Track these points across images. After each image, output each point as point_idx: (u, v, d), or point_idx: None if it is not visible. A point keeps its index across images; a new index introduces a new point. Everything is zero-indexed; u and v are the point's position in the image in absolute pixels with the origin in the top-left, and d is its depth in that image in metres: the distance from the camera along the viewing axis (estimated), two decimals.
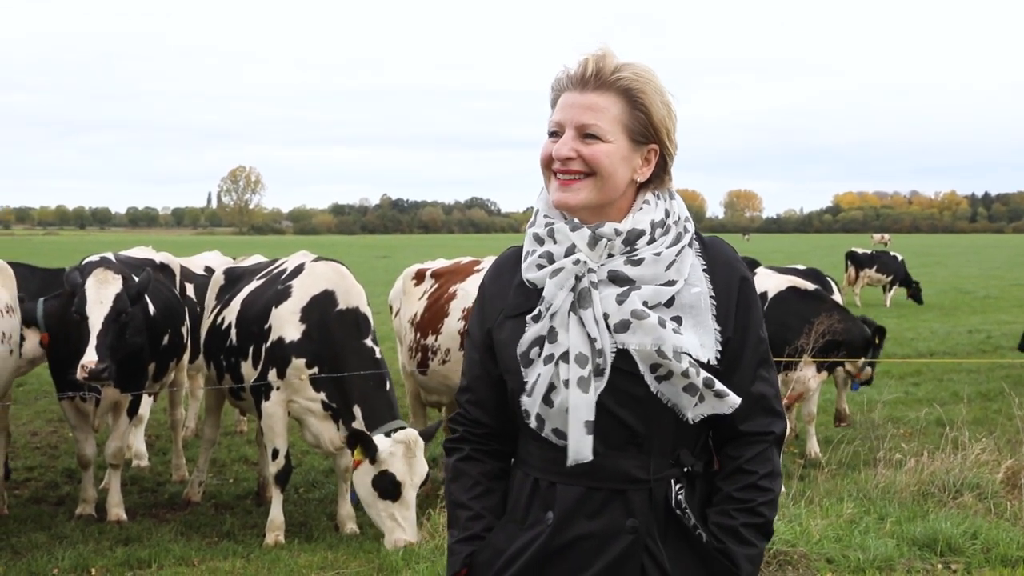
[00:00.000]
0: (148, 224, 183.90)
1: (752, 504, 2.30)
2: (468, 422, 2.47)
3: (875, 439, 8.90)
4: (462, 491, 2.44)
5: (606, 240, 2.26)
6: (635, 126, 2.28)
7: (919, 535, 6.21)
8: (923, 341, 18.06)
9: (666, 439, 2.27)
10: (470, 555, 2.39)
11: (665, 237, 2.30)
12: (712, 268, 2.33)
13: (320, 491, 8.14)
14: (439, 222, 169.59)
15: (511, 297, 2.37)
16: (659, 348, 2.19)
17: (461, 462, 2.46)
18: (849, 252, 27.45)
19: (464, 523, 2.42)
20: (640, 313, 2.21)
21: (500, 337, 2.36)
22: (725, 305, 2.30)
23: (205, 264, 10.35)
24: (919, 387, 13.09)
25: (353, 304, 6.86)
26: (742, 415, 2.30)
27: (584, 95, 2.28)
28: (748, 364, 2.32)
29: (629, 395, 2.23)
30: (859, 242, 49.63)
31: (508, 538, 2.34)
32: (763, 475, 2.32)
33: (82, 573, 6.03)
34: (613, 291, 2.24)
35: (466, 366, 2.51)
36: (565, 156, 2.27)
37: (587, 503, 2.26)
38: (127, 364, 7.11)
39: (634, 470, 2.26)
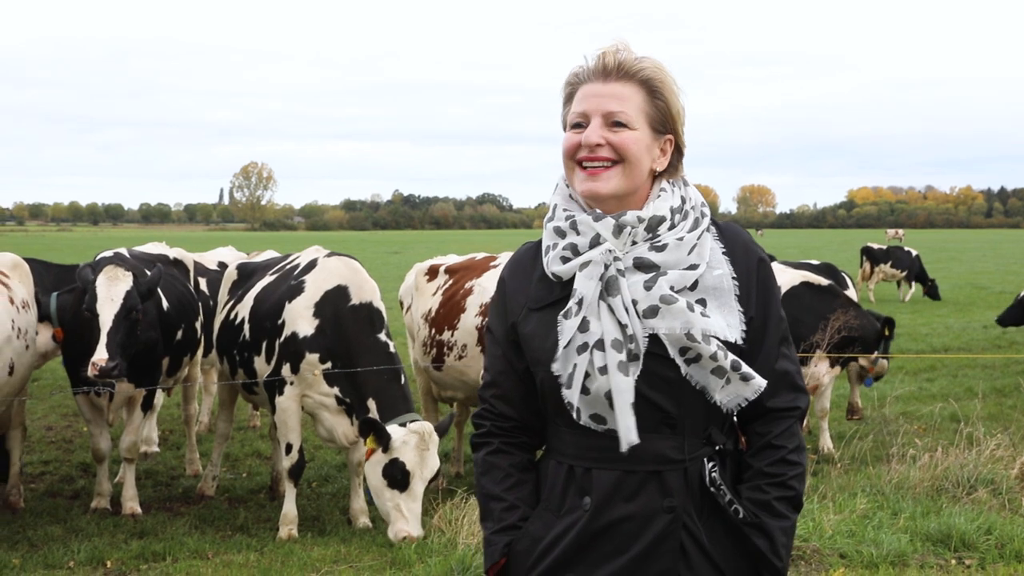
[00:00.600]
0: (161, 220, 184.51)
1: (784, 478, 2.38)
2: (495, 416, 2.52)
3: (888, 434, 8.88)
4: (494, 483, 2.48)
5: (630, 228, 2.32)
6: (656, 115, 2.36)
7: (933, 531, 6.20)
8: (938, 336, 17.99)
9: (698, 419, 2.34)
10: (508, 545, 2.43)
11: (684, 222, 2.37)
12: (731, 251, 2.40)
13: (333, 485, 8.16)
14: (451, 218, 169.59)
15: (533, 290, 2.42)
16: (688, 332, 2.26)
17: (491, 456, 2.50)
18: (864, 247, 27.34)
19: (499, 514, 2.46)
20: (668, 298, 2.27)
21: (526, 330, 2.41)
22: (746, 286, 2.38)
23: (218, 260, 10.38)
24: (933, 382, 13.04)
25: (366, 299, 6.87)
26: (769, 392, 2.37)
27: (608, 84, 2.34)
28: (772, 342, 2.40)
29: (661, 378, 2.29)
30: (873, 237, 49.47)
31: (545, 526, 2.39)
32: (792, 449, 2.40)
33: (97, 566, 6.06)
34: (640, 278, 2.30)
35: (488, 362, 2.55)
36: (595, 143, 2.32)
37: (624, 486, 2.32)
38: (141, 359, 7.14)
39: (669, 451, 2.32)
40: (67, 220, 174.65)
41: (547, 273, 2.39)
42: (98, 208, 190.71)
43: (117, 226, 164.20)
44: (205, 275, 9.35)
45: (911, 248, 28.23)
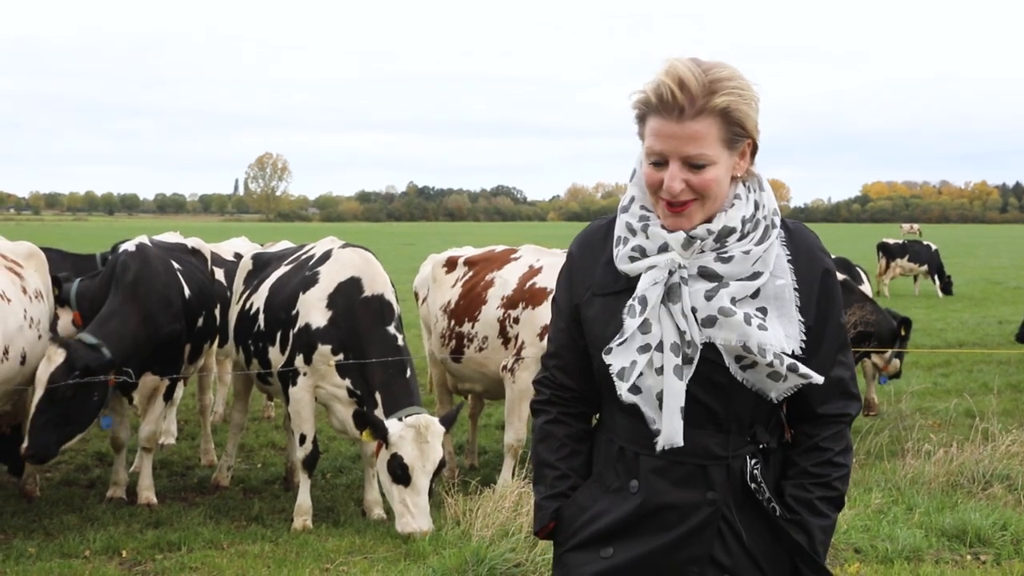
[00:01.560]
0: (176, 210, 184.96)
1: (828, 479, 2.45)
2: (555, 386, 2.61)
3: (903, 429, 8.86)
4: (549, 452, 2.59)
5: (699, 241, 2.35)
6: (732, 137, 2.34)
7: (948, 526, 6.18)
8: (952, 332, 17.91)
9: (744, 419, 2.40)
10: (556, 510, 2.55)
11: (755, 233, 2.38)
12: (796, 258, 2.42)
13: (347, 476, 8.18)
14: (465, 210, 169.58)
15: (599, 275, 2.48)
16: (744, 344, 2.30)
17: (549, 424, 2.61)
18: (880, 243, 27.22)
19: (552, 481, 2.57)
20: (727, 311, 2.31)
21: (588, 314, 2.49)
22: (807, 295, 2.40)
23: (234, 250, 10.40)
24: (948, 378, 12.98)
25: (378, 291, 6.88)
26: (820, 398, 2.44)
27: (682, 125, 2.29)
28: (828, 350, 2.43)
29: (712, 382, 2.35)
30: (888, 232, 49.23)
31: (592, 498, 2.50)
32: (838, 451, 2.46)
33: (113, 555, 6.09)
34: (703, 286, 2.34)
35: (552, 332, 2.64)
36: (677, 191, 2.32)
37: (670, 474, 2.40)
38: (165, 350, 7.19)
39: (713, 447, 2.39)
40: (83, 210, 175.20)
41: (615, 264, 2.44)
42: (113, 198, 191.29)
43: (132, 216, 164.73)
44: (222, 266, 9.37)
45: (930, 243, 28.07)
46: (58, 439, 6.61)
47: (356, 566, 5.79)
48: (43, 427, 6.50)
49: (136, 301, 7.08)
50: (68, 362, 6.52)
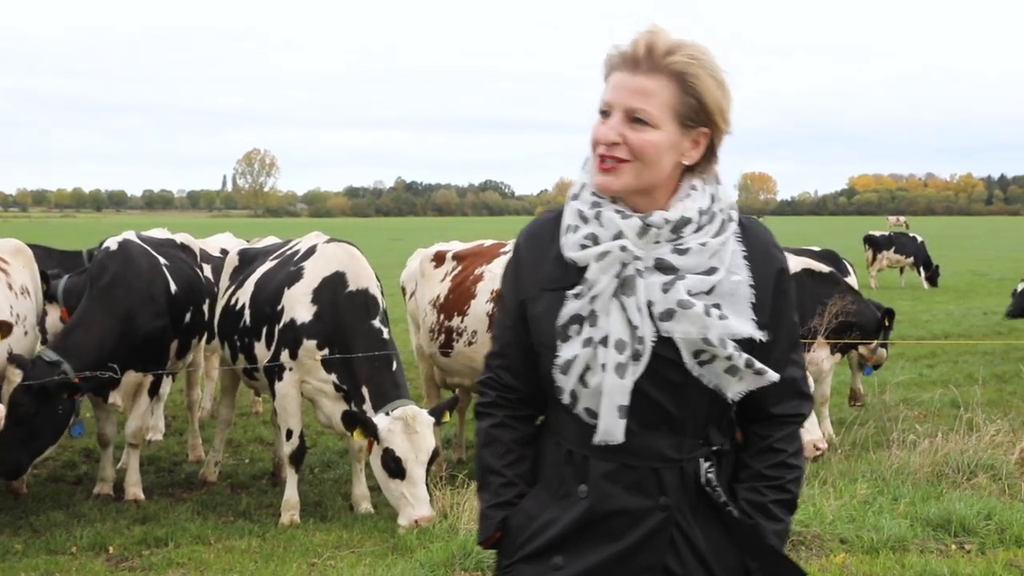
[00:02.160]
0: (164, 207, 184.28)
1: (781, 481, 2.38)
2: (500, 387, 2.48)
3: (889, 420, 8.89)
4: (495, 457, 2.47)
5: (655, 229, 2.26)
6: (686, 111, 2.24)
7: (933, 516, 6.21)
8: (938, 323, 17.99)
9: (698, 420, 2.31)
10: (503, 520, 2.43)
11: (711, 225, 2.30)
12: (751, 255, 2.34)
13: (335, 471, 8.18)
14: (453, 205, 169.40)
15: (548, 269, 2.36)
16: (705, 336, 2.22)
17: (494, 428, 2.48)
18: (866, 235, 27.32)
19: (497, 489, 2.45)
20: (686, 303, 2.22)
21: (535, 311, 2.37)
22: (763, 293, 2.32)
23: (220, 246, 10.38)
24: (934, 369, 13.05)
25: (363, 285, 6.87)
26: (774, 398, 2.36)
27: (635, 77, 2.23)
28: (783, 349, 2.37)
29: (667, 380, 2.26)
30: (874, 225, 49.39)
31: (540, 505, 2.38)
32: (791, 453, 2.40)
33: (100, 551, 6.09)
34: (659, 279, 2.25)
35: (498, 331, 2.51)
36: (611, 140, 2.24)
37: (621, 479, 2.30)
38: (148, 346, 7.17)
39: (667, 449, 2.30)
40: (70, 206, 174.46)
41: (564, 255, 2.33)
42: (101, 194, 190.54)
43: (120, 212, 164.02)
44: (209, 261, 9.35)
45: (916, 234, 28.17)
46: (28, 454, 6.66)
47: (343, 560, 5.79)
48: (10, 445, 6.51)
49: (110, 303, 7.04)
50: (26, 384, 6.51)
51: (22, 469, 6.70)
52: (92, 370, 6.80)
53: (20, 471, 6.71)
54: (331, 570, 5.59)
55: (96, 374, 6.79)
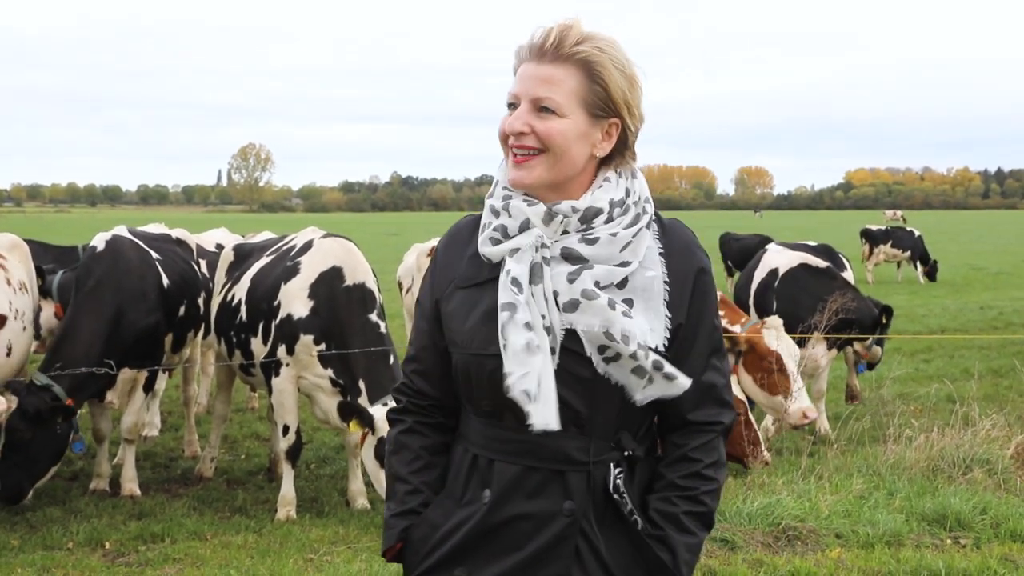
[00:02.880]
0: (158, 201, 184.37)
1: (695, 492, 2.27)
2: (412, 393, 2.42)
3: (885, 415, 8.90)
4: (402, 464, 2.39)
5: (562, 217, 2.21)
6: (593, 100, 2.21)
7: (928, 510, 6.23)
8: (934, 317, 18.01)
9: (608, 422, 2.24)
10: (405, 530, 2.36)
11: (623, 217, 2.24)
12: (669, 252, 2.28)
13: (331, 467, 8.18)
14: (449, 199, 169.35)
15: (463, 268, 2.32)
16: (607, 330, 2.15)
17: (403, 435, 2.42)
18: (863, 229, 27.36)
19: (402, 497, 2.38)
20: (590, 293, 2.16)
21: (448, 308, 2.32)
22: (679, 291, 2.25)
23: (216, 241, 10.38)
24: (930, 363, 13.06)
25: (359, 280, 6.86)
26: (691, 404, 2.28)
27: (541, 67, 2.21)
28: (700, 353, 2.28)
29: (574, 376, 2.19)
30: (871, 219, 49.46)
31: (444, 514, 2.31)
32: (708, 464, 2.29)
33: (96, 547, 6.08)
34: (565, 269, 2.20)
35: (414, 335, 2.45)
36: (518, 131, 2.21)
37: (525, 482, 2.23)
38: (142, 343, 7.15)
39: (574, 451, 2.22)
40: (65, 201, 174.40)
41: (479, 252, 2.29)
42: (96, 189, 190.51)
43: (115, 207, 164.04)
44: (204, 256, 9.34)
45: (914, 228, 28.18)
46: (30, 478, 6.66)
47: (340, 556, 5.79)
48: (10, 470, 6.55)
49: (96, 306, 6.98)
50: (21, 410, 6.50)
51: (24, 494, 6.71)
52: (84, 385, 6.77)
53: (22, 496, 6.71)
54: (328, 566, 5.59)
55: (93, 371, 6.77)
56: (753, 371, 7.92)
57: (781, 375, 7.82)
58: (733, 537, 5.79)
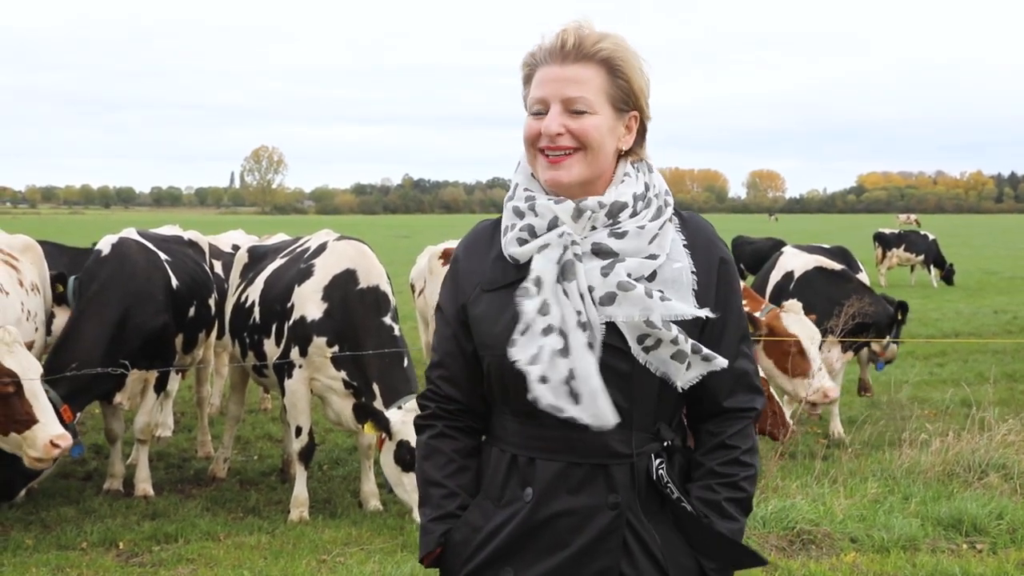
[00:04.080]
0: (172, 203, 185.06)
1: (735, 478, 2.31)
2: (440, 398, 2.43)
3: (900, 419, 8.87)
4: (435, 469, 2.40)
5: (590, 212, 2.24)
6: (618, 94, 2.28)
7: (944, 515, 6.20)
8: (948, 321, 17.93)
9: (648, 413, 2.26)
10: (444, 534, 2.35)
11: (647, 210, 2.29)
12: (692, 244, 2.32)
13: (344, 468, 8.18)
14: (460, 202, 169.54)
15: (488, 271, 2.34)
16: (647, 319, 2.18)
17: (434, 439, 2.42)
18: (876, 233, 27.26)
19: (438, 501, 2.37)
20: (626, 285, 2.19)
21: (476, 312, 2.33)
22: (705, 281, 2.29)
23: (232, 243, 10.40)
24: (944, 368, 13.00)
25: (373, 282, 6.86)
26: (725, 391, 2.32)
27: (565, 68, 2.25)
28: (731, 340, 2.32)
29: (614, 370, 2.21)
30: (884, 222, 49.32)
31: (484, 516, 2.31)
32: (745, 450, 2.33)
33: (110, 547, 6.09)
34: (597, 264, 2.23)
35: (437, 341, 2.46)
36: (555, 132, 2.24)
37: (568, 478, 2.24)
38: (152, 343, 7.15)
39: (616, 444, 2.24)
40: (79, 203, 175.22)
41: (504, 254, 2.31)
42: (109, 191, 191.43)
43: (128, 209, 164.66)
44: (220, 258, 9.37)
45: (928, 232, 28.05)
46: (23, 477, 6.56)
47: (352, 557, 5.79)
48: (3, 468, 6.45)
49: (99, 311, 6.95)
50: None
51: (15, 491, 6.67)
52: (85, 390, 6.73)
53: (13, 493, 6.67)
54: (340, 567, 5.59)
55: (108, 371, 6.78)
56: (773, 354, 8.01)
57: (801, 358, 7.89)
58: (747, 541, 5.77)
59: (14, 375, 5.64)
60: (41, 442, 5.66)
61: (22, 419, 5.66)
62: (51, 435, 5.67)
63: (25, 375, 5.69)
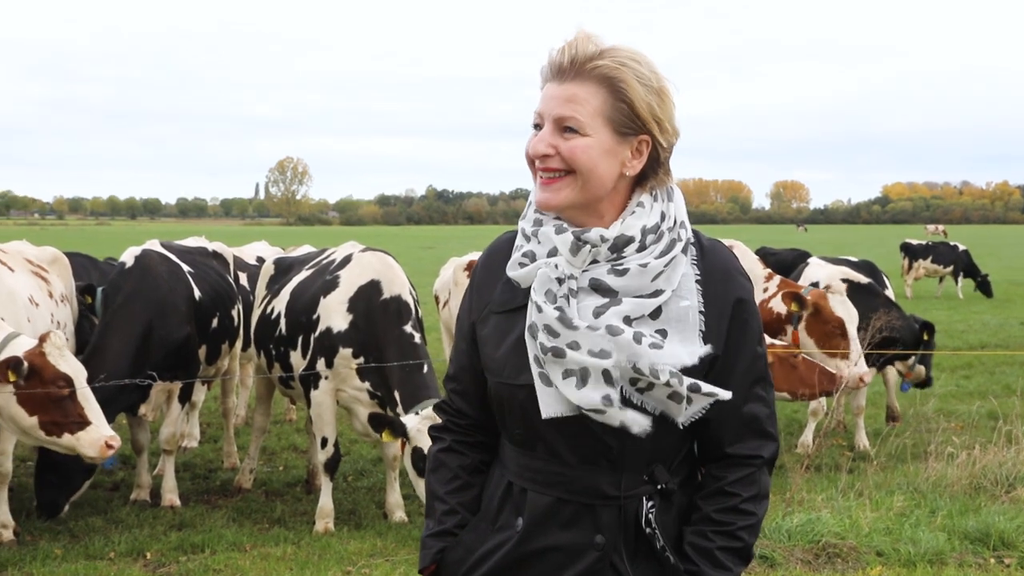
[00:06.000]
0: (197, 214, 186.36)
1: (731, 527, 2.20)
2: (452, 412, 2.41)
3: (926, 432, 8.82)
4: (440, 483, 2.38)
5: (590, 247, 2.13)
6: (618, 117, 2.13)
7: (971, 529, 6.16)
8: (974, 333, 17.79)
9: (640, 456, 2.17)
10: (441, 551, 2.34)
11: (656, 245, 2.15)
12: (706, 279, 2.19)
13: (368, 479, 8.21)
14: (484, 213, 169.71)
15: (498, 291, 2.28)
16: (635, 364, 2.08)
17: (442, 453, 2.41)
18: (903, 243, 27.06)
19: (439, 517, 2.36)
20: (615, 329, 2.08)
21: (482, 333, 2.29)
22: (715, 321, 2.17)
23: (256, 254, 10.48)
24: (970, 380, 12.90)
25: (395, 292, 6.89)
26: (731, 437, 2.21)
27: (562, 86, 2.14)
28: (739, 383, 2.19)
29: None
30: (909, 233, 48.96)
31: (479, 538, 2.29)
32: (746, 498, 2.22)
33: (138, 557, 6.14)
34: (593, 301, 2.12)
35: (454, 354, 2.43)
36: (542, 153, 2.15)
37: (557, 514, 2.20)
38: (175, 354, 7.21)
39: (605, 486, 2.17)
40: (105, 214, 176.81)
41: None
42: (136, 202, 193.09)
43: (154, 220, 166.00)
44: (245, 270, 9.43)
45: (958, 243, 27.77)
46: (64, 494, 6.85)
47: (378, 569, 5.81)
48: (47, 488, 6.78)
49: (125, 323, 7.00)
50: None
51: (59, 509, 6.87)
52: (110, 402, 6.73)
53: (57, 511, 6.87)
54: None
55: (136, 382, 6.85)
56: (815, 334, 8.17)
57: (842, 340, 8.05)
58: (773, 554, 5.76)
59: (69, 378, 5.78)
60: (96, 443, 5.79)
61: (76, 421, 5.78)
62: (104, 436, 5.81)
63: (77, 378, 5.81)
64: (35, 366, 5.69)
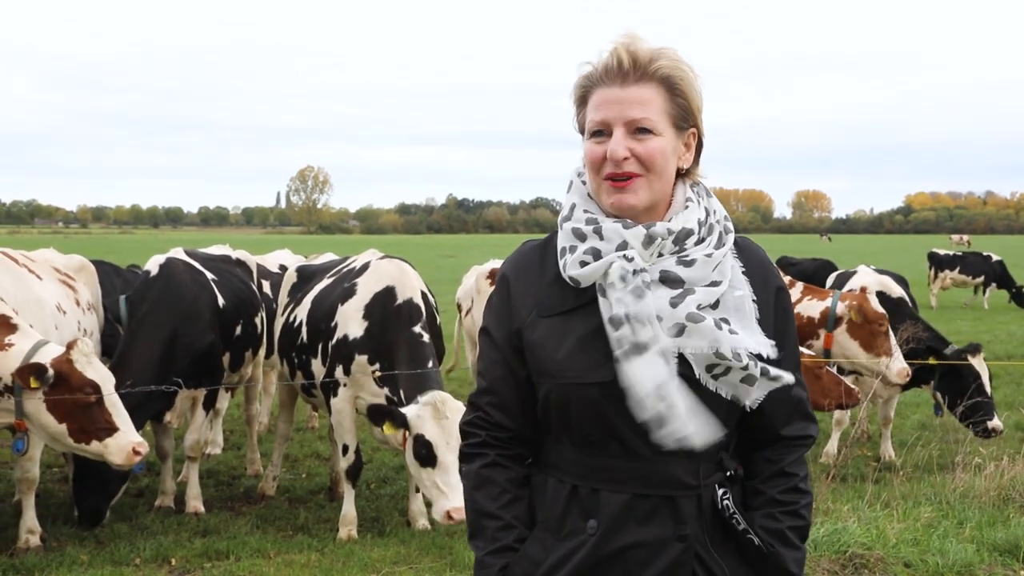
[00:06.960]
0: (219, 223, 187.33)
1: (796, 507, 2.29)
2: (490, 426, 2.35)
3: (953, 443, 8.74)
4: (489, 500, 2.31)
5: (660, 239, 2.18)
6: (677, 112, 2.22)
7: (1000, 541, 6.10)
8: (1000, 343, 17.64)
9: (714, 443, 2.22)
10: (503, 568, 2.28)
11: (711, 236, 2.24)
12: (750, 271, 2.29)
13: (391, 487, 8.21)
14: (504, 222, 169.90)
15: (543, 296, 2.27)
16: (717, 350, 2.13)
17: (486, 469, 2.33)
18: (930, 253, 26.87)
19: (493, 533, 2.29)
20: (696, 317, 2.14)
21: (533, 337, 2.25)
22: (765, 309, 2.27)
23: (279, 263, 10.52)
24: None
25: (408, 296, 6.89)
26: (783, 420, 2.30)
27: (627, 89, 2.18)
28: (787, 368, 2.26)
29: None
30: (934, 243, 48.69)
31: (544, 549, 2.24)
32: (803, 477, 2.32)
33: (162, 563, 6.16)
34: (666, 293, 2.16)
35: (485, 367, 2.37)
36: (622, 156, 2.17)
37: (635, 510, 2.19)
38: (200, 361, 7.23)
39: (684, 475, 2.19)
40: (128, 223, 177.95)
41: (564, 277, 2.23)
42: (158, 211, 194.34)
43: (177, 229, 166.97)
44: (268, 278, 9.47)
45: (991, 253, 27.44)
46: (105, 500, 6.91)
47: None
48: (87, 496, 6.83)
49: (151, 331, 7.03)
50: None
51: (102, 516, 6.92)
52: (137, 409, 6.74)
53: (100, 518, 6.91)
54: None
55: (162, 388, 6.87)
56: (859, 335, 8.41)
57: (885, 337, 8.30)
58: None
59: (96, 385, 5.80)
60: (123, 450, 5.81)
61: (104, 427, 5.81)
62: (132, 442, 5.84)
63: (104, 385, 5.84)
64: (63, 373, 5.72)
